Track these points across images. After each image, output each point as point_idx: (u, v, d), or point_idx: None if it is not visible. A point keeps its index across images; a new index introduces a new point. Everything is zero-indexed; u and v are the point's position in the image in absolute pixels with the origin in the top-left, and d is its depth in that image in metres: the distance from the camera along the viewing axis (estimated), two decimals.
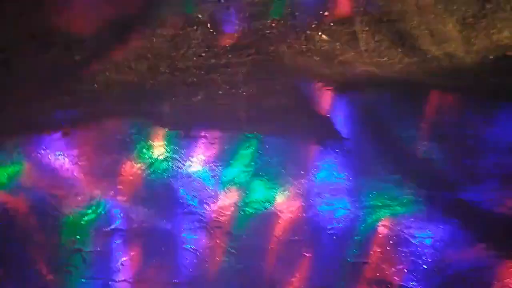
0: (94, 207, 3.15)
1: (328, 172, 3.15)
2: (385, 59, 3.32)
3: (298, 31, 3.35)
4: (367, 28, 3.34)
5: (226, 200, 3.18)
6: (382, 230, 3.03)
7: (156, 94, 3.31)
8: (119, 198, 3.17)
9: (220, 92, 3.32)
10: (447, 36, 3.34)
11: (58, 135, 3.21)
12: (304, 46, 3.35)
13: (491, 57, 3.35)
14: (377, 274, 3.04)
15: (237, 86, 3.32)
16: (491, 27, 3.34)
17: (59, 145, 3.18)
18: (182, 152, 3.15)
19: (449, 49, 3.31)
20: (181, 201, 3.18)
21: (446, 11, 3.35)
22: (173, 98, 3.29)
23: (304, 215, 3.14)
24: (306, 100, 3.30)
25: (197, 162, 3.16)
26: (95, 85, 3.33)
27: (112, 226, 3.20)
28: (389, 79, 3.24)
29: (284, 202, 3.17)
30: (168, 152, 3.17)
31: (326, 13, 3.37)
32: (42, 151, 3.15)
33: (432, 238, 2.98)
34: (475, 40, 3.33)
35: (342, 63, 3.31)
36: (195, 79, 3.34)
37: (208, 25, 3.38)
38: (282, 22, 3.37)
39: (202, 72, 3.34)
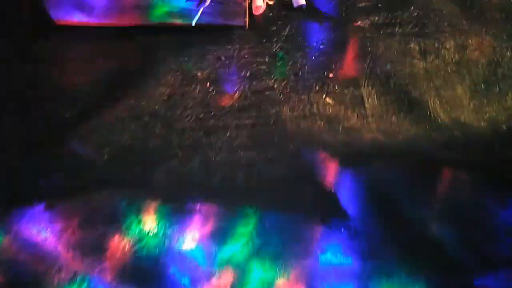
0: (77, 284, 2.56)
1: (333, 254, 2.64)
2: (392, 126, 2.89)
3: (301, 93, 2.98)
4: (373, 92, 3.00)
5: (221, 281, 2.58)
6: None
7: (149, 158, 2.83)
8: (105, 275, 2.57)
9: (218, 158, 2.84)
10: (457, 103, 2.96)
11: (41, 207, 2.74)
12: (307, 110, 2.94)
13: (504, 126, 2.95)
14: None
15: (236, 151, 2.87)
16: (503, 94, 3.00)
17: (42, 218, 2.68)
18: (175, 227, 2.65)
19: (460, 117, 2.91)
20: (172, 281, 2.57)
21: (456, 76, 3.04)
22: (168, 164, 2.82)
23: None
24: (310, 172, 2.80)
25: (190, 238, 2.64)
26: (85, 147, 2.88)
27: None
28: (397, 150, 2.84)
29: (285, 285, 2.56)
30: (159, 227, 2.65)
31: (330, 75, 3.05)
32: (24, 224, 2.66)
33: None
34: (487, 108, 2.96)
35: (347, 129, 2.88)
36: (191, 142, 2.88)
37: (208, 84, 3.07)
38: (284, 83, 3.00)
39: (199, 135, 2.91)
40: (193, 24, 3.03)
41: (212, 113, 2.95)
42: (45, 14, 3.22)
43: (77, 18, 3.21)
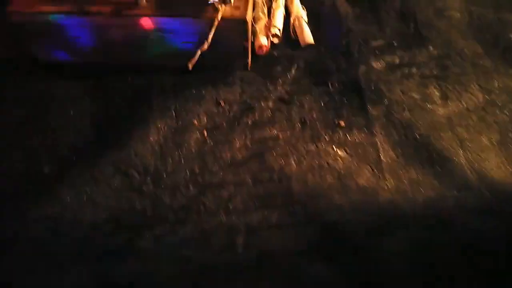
0: None
1: None
2: (412, 185, 2.28)
3: (309, 144, 2.39)
4: (390, 143, 2.41)
5: None
6: None
7: (135, 223, 2.21)
8: None
9: (214, 223, 2.22)
10: (483, 156, 2.36)
11: None
12: (316, 163, 2.36)
13: None
14: None
15: (234, 214, 2.26)
16: None
17: None
18: None
19: (488, 173, 2.31)
20: None
21: (482, 124, 2.46)
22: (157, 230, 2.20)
23: None
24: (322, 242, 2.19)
25: None
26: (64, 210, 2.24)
27: None
28: (419, 217, 2.22)
29: None
30: None
31: (341, 123, 2.54)
32: None
33: None
34: None
35: (361, 188, 2.28)
36: (184, 203, 2.28)
37: (205, 133, 2.55)
38: (290, 132, 2.44)
39: (193, 194, 2.30)
40: (190, 67, 2.48)
41: (209, 168, 2.37)
42: (27, 51, 2.69)
43: (61, 57, 2.66)
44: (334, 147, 2.42)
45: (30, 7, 2.47)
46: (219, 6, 2.40)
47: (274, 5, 2.86)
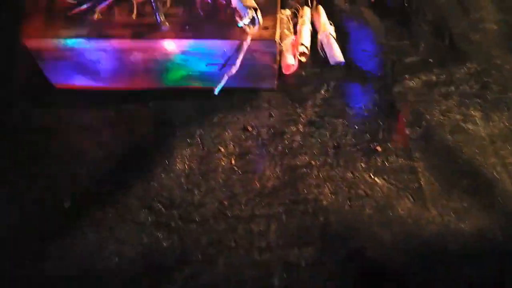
0: None
1: None
2: (457, 215, 2.02)
3: (343, 171, 2.13)
4: (431, 169, 2.12)
5: None
6: None
7: (162, 264, 1.96)
8: None
9: (245, 261, 1.97)
10: None
11: None
12: (353, 192, 2.08)
13: None
14: None
15: (268, 251, 2.00)
16: None
17: None
18: None
19: None
20: None
21: None
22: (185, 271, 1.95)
23: None
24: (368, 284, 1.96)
25: None
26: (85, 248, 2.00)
27: None
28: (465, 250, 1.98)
29: None
30: None
31: (378, 147, 2.25)
32: None
33: None
34: None
35: (402, 220, 2.01)
36: (213, 239, 2.03)
37: (232, 161, 2.32)
38: (323, 158, 2.19)
39: (223, 229, 2.04)
40: (216, 92, 2.22)
41: (238, 199, 2.09)
42: (44, 78, 2.42)
43: (80, 82, 2.41)
44: (371, 174, 2.14)
45: (46, 32, 2.24)
46: (249, 28, 2.17)
47: (300, 21, 2.59)
